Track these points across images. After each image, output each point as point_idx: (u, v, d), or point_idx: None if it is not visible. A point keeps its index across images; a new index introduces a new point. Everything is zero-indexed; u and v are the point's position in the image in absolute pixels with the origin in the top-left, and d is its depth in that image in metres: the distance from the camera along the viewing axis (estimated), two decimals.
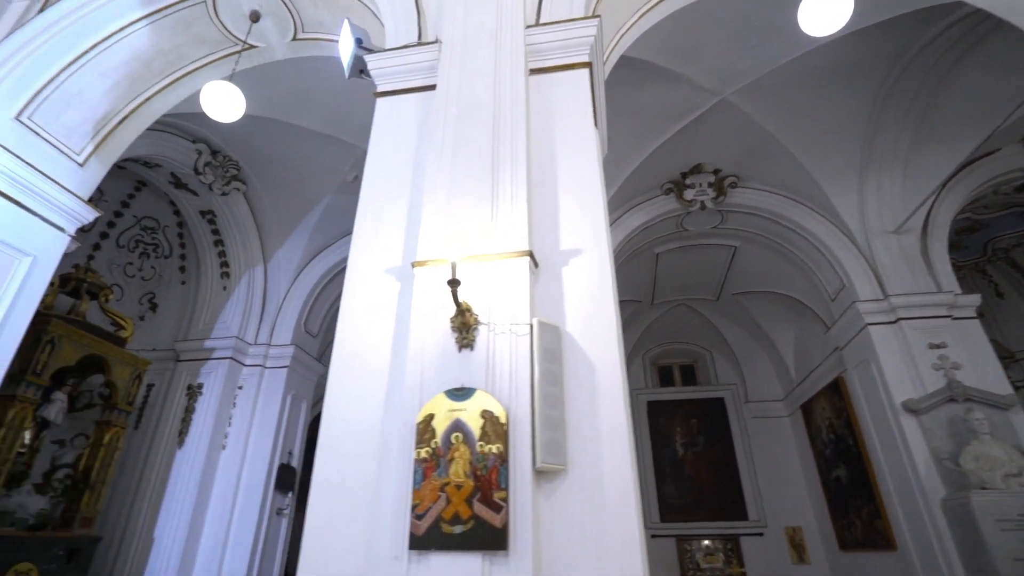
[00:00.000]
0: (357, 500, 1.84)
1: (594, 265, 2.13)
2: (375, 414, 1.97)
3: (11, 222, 3.83)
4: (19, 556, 4.71)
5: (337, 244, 7.82)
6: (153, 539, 5.91)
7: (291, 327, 7.41)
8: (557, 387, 1.87)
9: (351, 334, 2.16)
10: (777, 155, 6.20)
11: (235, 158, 6.80)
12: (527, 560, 1.58)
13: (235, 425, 6.74)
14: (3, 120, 3.82)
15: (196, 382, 6.73)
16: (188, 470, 6.22)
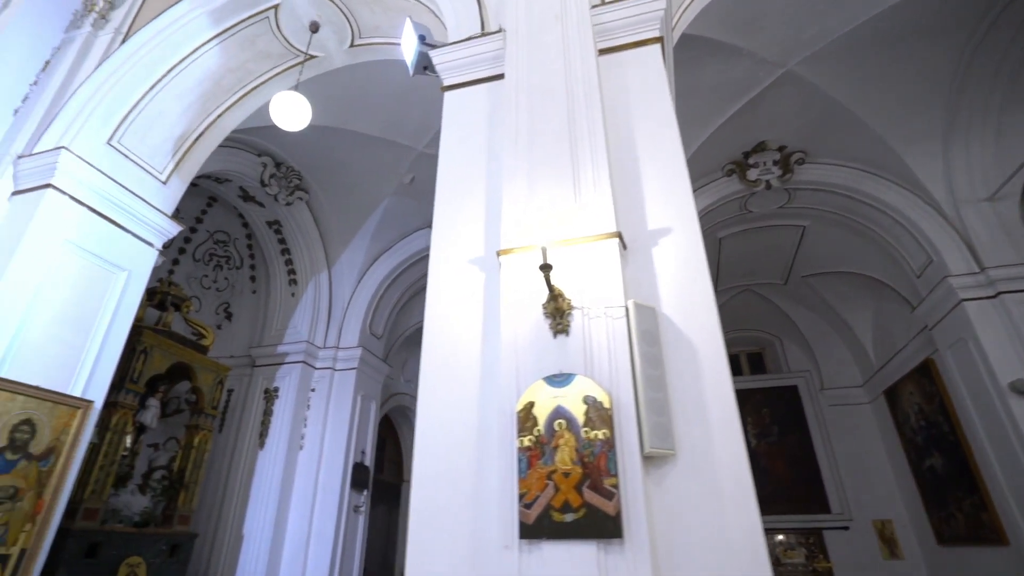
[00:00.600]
0: (459, 490, 1.84)
1: (685, 244, 2.05)
2: (470, 404, 1.96)
3: (108, 240, 4.09)
4: (129, 550, 5.04)
5: (396, 246, 7.98)
6: (243, 535, 6.20)
7: (357, 330, 7.61)
8: (658, 370, 1.80)
9: (439, 327, 2.17)
10: (849, 126, 5.85)
11: (297, 168, 7.04)
12: (643, 548, 1.53)
13: (310, 426, 6.98)
14: (97, 145, 4.09)
15: (272, 386, 7.02)
16: (270, 470, 6.49)
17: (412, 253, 8.01)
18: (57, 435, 3.53)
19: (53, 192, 3.78)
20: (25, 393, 3.39)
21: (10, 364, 3.35)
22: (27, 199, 3.80)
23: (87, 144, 4.04)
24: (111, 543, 4.95)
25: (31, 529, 3.32)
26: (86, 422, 3.71)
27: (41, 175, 3.81)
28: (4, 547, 3.18)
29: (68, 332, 3.73)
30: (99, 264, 4.00)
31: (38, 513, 3.36)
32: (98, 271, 3.98)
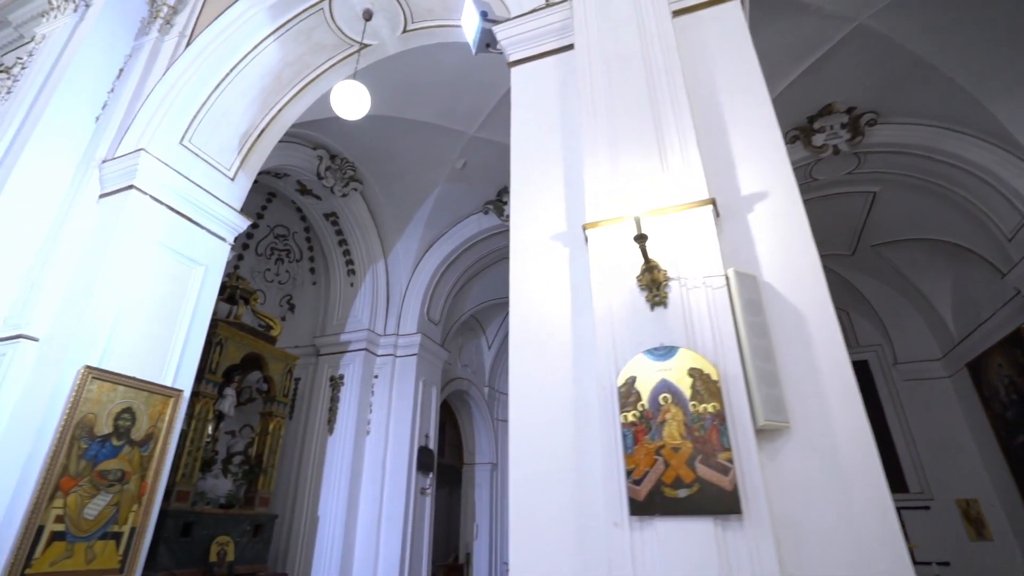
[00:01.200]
0: (559, 468, 1.82)
1: (783, 207, 1.94)
2: (564, 381, 1.93)
3: (186, 236, 4.26)
4: (218, 530, 5.33)
5: (449, 233, 8.03)
6: (318, 517, 6.46)
7: (415, 316, 7.73)
8: (765, 340, 1.72)
9: (526, 305, 2.14)
10: (928, 80, 5.45)
11: (351, 160, 7.16)
12: (764, 524, 1.47)
13: (375, 412, 7.17)
14: (171, 146, 4.25)
15: (338, 373, 7.23)
16: (340, 455, 6.71)
17: (465, 239, 8.04)
18: (154, 422, 3.73)
19: (136, 193, 3.96)
20: (124, 383, 3.60)
21: (109, 357, 3.55)
22: (113, 201, 4.00)
23: (162, 145, 4.21)
24: (202, 523, 5.24)
25: (138, 509, 3.54)
26: (178, 409, 3.91)
27: (124, 177, 4.00)
28: (117, 525, 3.41)
29: (157, 326, 3.92)
30: (180, 260, 4.18)
31: (143, 495, 3.58)
32: (179, 267, 4.17)
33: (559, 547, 1.69)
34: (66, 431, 3.23)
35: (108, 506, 3.38)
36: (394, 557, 6.39)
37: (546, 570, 1.65)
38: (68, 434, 3.24)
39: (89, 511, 3.28)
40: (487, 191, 7.67)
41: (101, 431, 3.42)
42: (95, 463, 3.36)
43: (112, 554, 3.37)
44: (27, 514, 3.00)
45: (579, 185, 2.24)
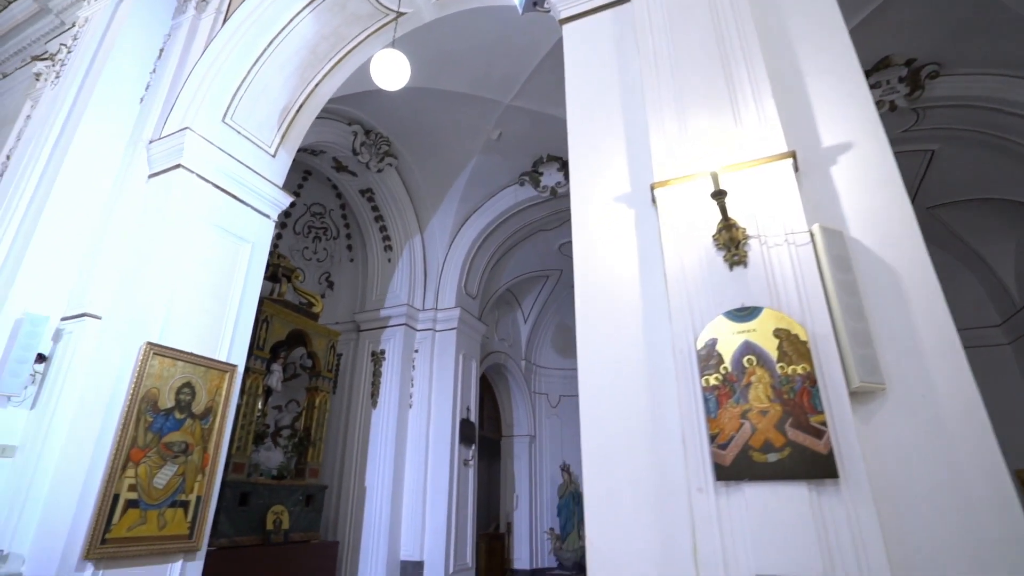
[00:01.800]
0: (632, 436, 1.77)
1: (871, 158, 1.81)
2: (635, 345, 1.87)
3: (232, 214, 4.31)
4: (273, 500, 5.51)
5: (485, 206, 7.96)
6: (365, 487, 6.63)
7: (453, 291, 7.74)
8: (855, 298, 1.62)
9: (591, 269, 2.08)
10: (998, 24, 5.06)
11: (386, 134, 7.11)
12: (863, 488, 1.40)
13: (417, 385, 7.26)
14: (214, 123, 4.27)
15: (379, 348, 7.32)
16: (384, 427, 6.84)
17: (500, 212, 7.97)
18: (212, 396, 3.83)
19: (183, 172, 4.00)
20: (183, 359, 3.69)
21: (167, 333, 3.64)
22: (162, 181, 4.05)
23: (205, 123, 4.22)
24: (258, 493, 5.42)
25: (202, 479, 3.66)
26: (234, 384, 4.00)
27: (171, 156, 4.04)
28: (184, 494, 3.54)
29: (210, 303, 4.00)
30: (228, 238, 4.23)
31: (206, 465, 3.70)
32: (228, 244, 4.22)
33: (637, 516, 1.65)
34: (133, 405, 3.34)
35: (175, 476, 3.50)
36: (440, 525, 6.53)
37: (626, 539, 1.61)
38: (135, 408, 3.34)
39: (158, 480, 3.41)
40: (522, 162, 7.55)
41: (164, 405, 3.53)
42: (161, 435, 3.47)
43: (181, 521, 3.51)
44: (103, 482, 3.13)
45: (643, 144, 2.14)
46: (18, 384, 3.28)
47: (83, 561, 3.00)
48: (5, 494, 3.18)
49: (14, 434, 3.31)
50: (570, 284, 10.44)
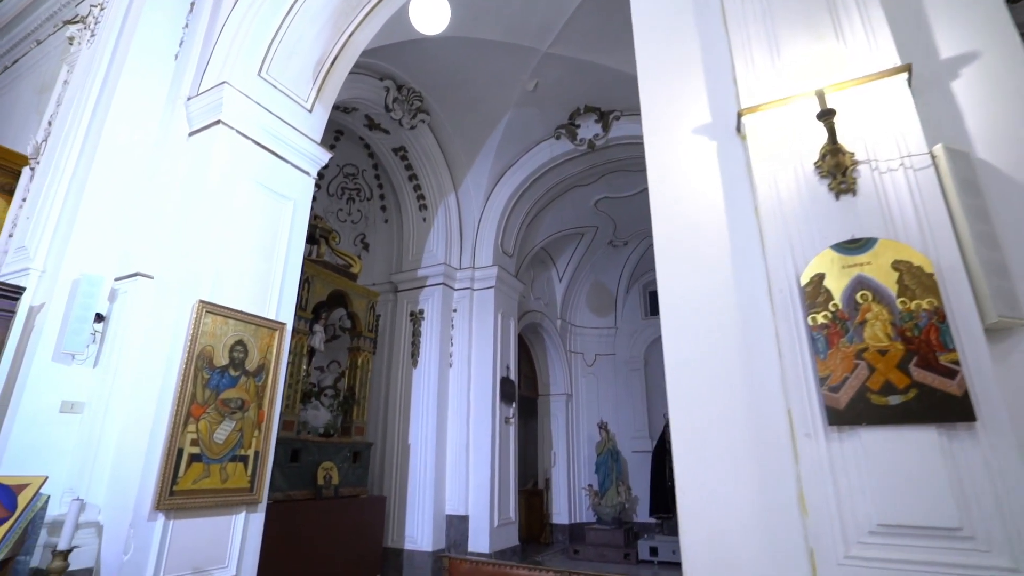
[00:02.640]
0: (724, 380, 1.66)
1: (1000, 68, 1.60)
2: (723, 284, 1.74)
3: (273, 171, 4.24)
4: (322, 456, 5.64)
5: (520, 162, 7.75)
6: (409, 445, 6.73)
7: (490, 249, 7.64)
8: (987, 225, 1.45)
9: (670, 207, 1.93)
10: None
11: (418, 89, 6.91)
12: (1005, 432, 1.26)
13: (456, 345, 7.26)
14: (251, 78, 4.16)
15: (417, 308, 7.32)
16: (425, 386, 6.89)
17: (536, 168, 7.77)
18: (263, 354, 3.85)
19: (223, 128, 3.92)
20: (235, 317, 3.69)
21: (217, 292, 3.64)
22: (202, 139, 3.99)
23: (242, 78, 4.11)
24: (307, 450, 5.54)
25: (259, 435, 3.72)
26: (284, 341, 4.01)
27: (210, 112, 3.96)
28: (243, 449, 3.60)
29: (258, 261, 3.98)
30: (271, 195, 4.18)
31: (261, 421, 3.75)
32: (271, 202, 4.17)
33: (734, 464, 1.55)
34: (190, 362, 3.36)
35: (233, 432, 3.56)
36: (484, 481, 6.63)
37: (719, 490, 1.51)
38: (192, 365, 3.37)
39: (218, 436, 3.46)
40: (559, 115, 7.29)
41: (219, 362, 3.55)
42: (218, 392, 3.51)
43: (242, 475, 3.58)
44: (167, 437, 3.19)
45: (723, 69, 1.95)
46: (80, 343, 3.33)
47: (154, 511, 3.08)
48: (78, 448, 3.27)
49: (81, 391, 3.38)
50: (605, 241, 10.24)
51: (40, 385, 3.24)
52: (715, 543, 1.53)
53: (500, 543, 6.59)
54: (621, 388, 10.60)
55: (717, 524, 1.56)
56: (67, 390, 3.35)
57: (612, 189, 8.73)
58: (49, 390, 3.27)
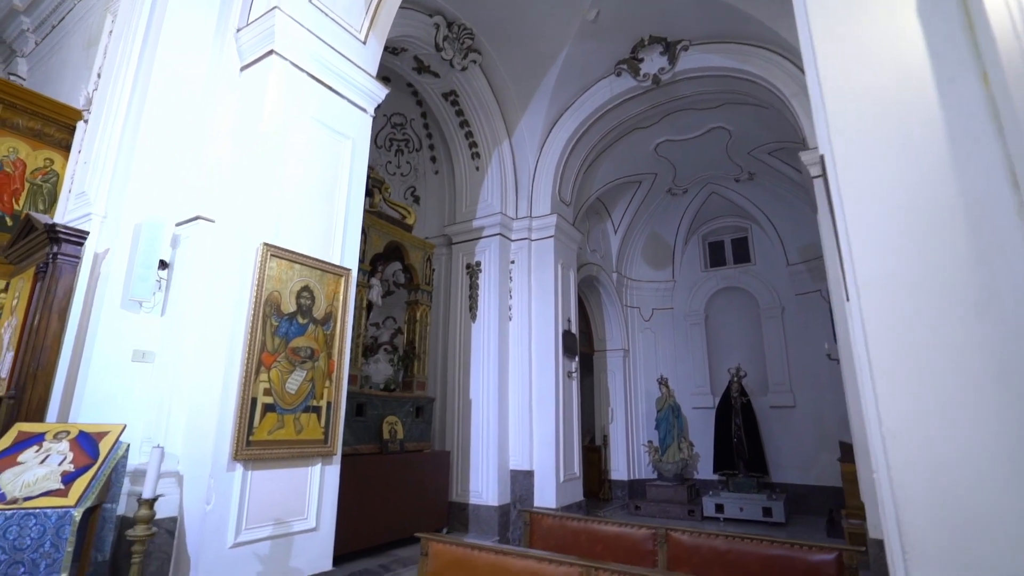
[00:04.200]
0: (943, 289, 1.27)
1: None
2: (935, 172, 1.33)
3: (329, 107, 3.95)
4: (386, 410, 5.53)
5: (577, 103, 7.25)
6: (470, 400, 6.58)
7: (548, 197, 7.25)
8: None
9: (849, 84, 1.51)
10: None
11: (469, 25, 6.44)
12: None
13: (515, 297, 6.99)
14: (302, 5, 3.83)
15: (474, 260, 7.05)
16: (485, 341, 6.67)
17: (594, 109, 7.24)
18: (330, 301, 3.65)
19: (276, 59, 3.63)
20: (300, 261, 3.48)
21: (280, 235, 3.42)
22: (255, 72, 3.72)
23: (293, 4, 3.79)
24: (371, 404, 5.43)
25: (330, 386, 3.56)
26: (350, 288, 3.80)
27: (262, 42, 3.67)
28: (315, 400, 3.44)
29: (319, 203, 3.74)
30: (329, 133, 3.90)
31: (332, 372, 3.58)
32: (330, 140, 3.90)
33: (964, 389, 1.18)
34: (258, 308, 3.18)
35: (305, 381, 3.40)
36: (549, 436, 6.44)
37: (951, 419, 1.15)
38: (260, 311, 3.19)
39: (290, 385, 3.31)
40: (620, 47, 6.70)
41: (287, 309, 3.37)
42: (287, 340, 3.33)
43: (316, 426, 3.43)
44: (240, 386, 3.04)
45: None
46: (147, 289, 3.18)
47: (233, 462, 2.96)
48: (152, 397, 3.17)
49: (150, 340, 3.26)
50: (664, 189, 9.65)
51: (111, 333, 3.13)
52: (946, 492, 1.19)
53: (566, 498, 6.45)
54: (680, 343, 10.19)
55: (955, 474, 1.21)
56: (137, 339, 3.24)
57: (675, 131, 8.12)
58: (120, 339, 3.16)
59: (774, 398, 9.05)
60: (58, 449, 2.46)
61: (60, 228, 3.10)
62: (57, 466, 2.39)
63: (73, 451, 2.48)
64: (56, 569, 2.15)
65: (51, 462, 2.41)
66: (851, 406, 4.57)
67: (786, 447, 8.80)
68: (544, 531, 3.79)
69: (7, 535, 2.15)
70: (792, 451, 8.75)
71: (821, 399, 8.57)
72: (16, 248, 3.49)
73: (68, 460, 2.43)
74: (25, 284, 3.33)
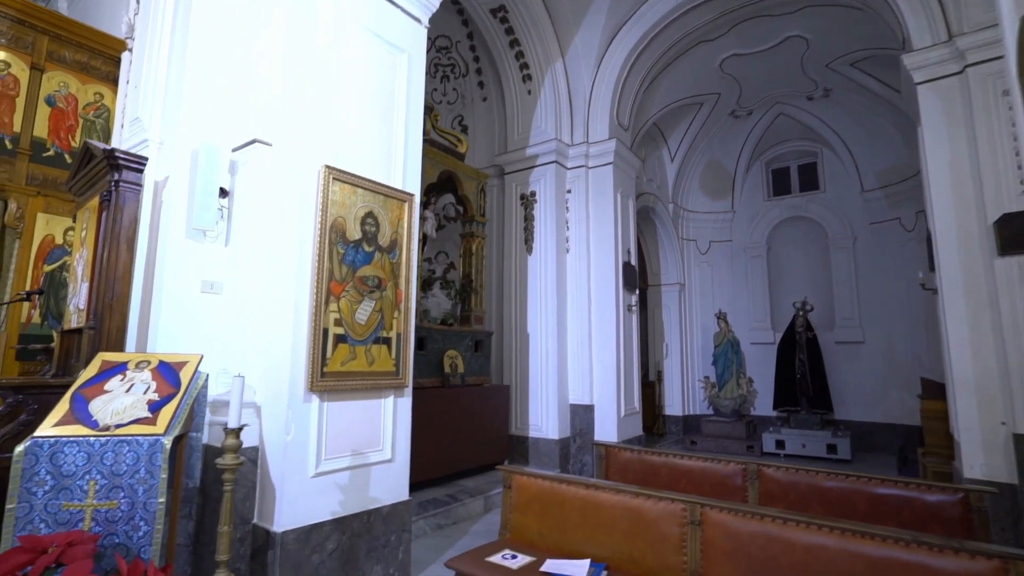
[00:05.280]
0: None
1: None
2: None
3: (383, 17, 3.61)
4: (446, 345, 5.46)
5: (636, 15, 6.60)
6: (528, 334, 6.45)
7: (606, 121, 6.76)
8: None
9: None
10: None
11: None
12: None
13: (573, 228, 6.69)
14: None
15: (528, 191, 6.73)
16: (542, 274, 6.45)
17: (655, 21, 6.60)
18: (395, 228, 3.46)
19: None
20: (362, 186, 3.28)
21: (340, 158, 3.20)
22: None
23: None
24: (432, 338, 5.36)
25: (399, 316, 3.43)
26: (413, 214, 3.59)
27: None
28: (385, 331, 3.33)
29: (378, 123, 3.48)
30: (384, 46, 3.58)
31: (400, 302, 3.44)
32: (385, 54, 3.58)
33: None
34: (323, 235, 3.02)
35: (374, 312, 3.27)
36: (610, 371, 6.30)
37: None
38: (326, 238, 3.03)
39: (360, 316, 3.18)
40: None
41: (352, 236, 3.19)
42: (354, 268, 3.18)
43: (387, 358, 3.33)
44: (311, 316, 2.93)
45: None
46: (210, 218, 3.05)
47: (308, 393, 2.90)
48: (223, 329, 3.10)
49: (217, 271, 3.17)
50: (726, 112, 8.93)
51: (178, 264, 3.04)
52: None
53: (626, 433, 6.37)
54: (739, 277, 9.75)
55: None
56: (204, 270, 3.14)
57: (744, 43, 7.36)
58: (188, 269, 3.07)
59: (841, 333, 8.62)
60: (141, 378, 2.42)
61: (119, 153, 2.96)
62: (142, 395, 2.35)
63: (156, 380, 2.43)
64: (154, 495, 2.13)
65: (136, 391, 2.36)
66: (951, 340, 4.19)
67: (852, 384, 8.45)
68: (621, 465, 3.68)
69: (104, 460, 2.13)
70: (858, 388, 8.40)
71: (893, 334, 8.10)
72: (78, 179, 3.41)
73: (152, 389, 2.38)
74: (91, 216, 3.25)
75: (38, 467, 2.07)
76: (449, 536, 4.31)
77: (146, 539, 2.12)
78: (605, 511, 2.47)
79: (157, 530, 2.13)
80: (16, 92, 5.51)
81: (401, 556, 3.29)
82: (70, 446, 2.11)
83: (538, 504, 2.73)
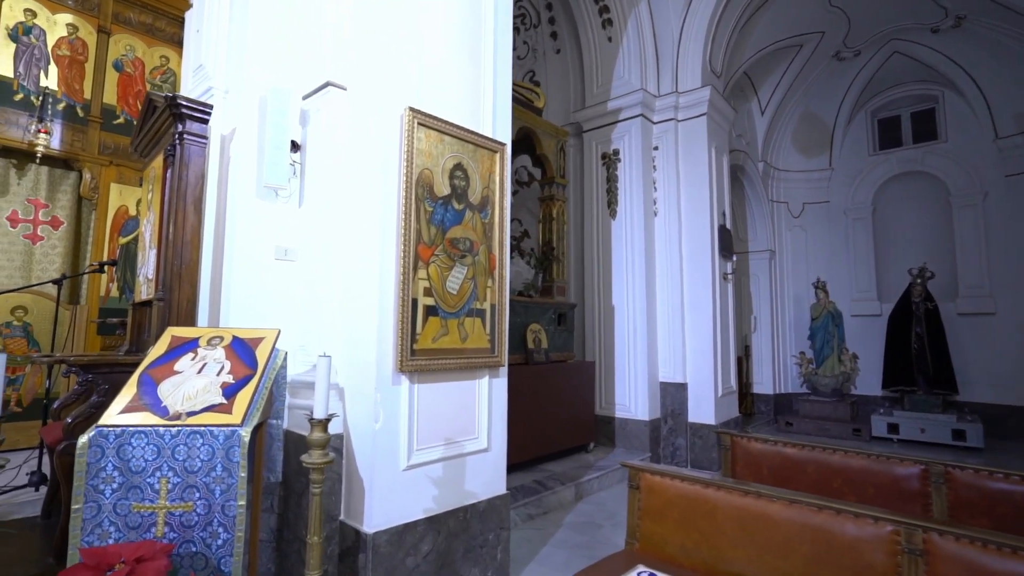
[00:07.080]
0: None
1: None
2: None
3: None
4: (528, 318, 5.01)
5: None
6: (613, 306, 5.91)
7: (697, 68, 5.98)
8: None
9: None
10: None
11: None
12: None
13: (661, 189, 6.02)
14: None
15: (610, 149, 6.09)
16: (628, 240, 5.85)
17: None
18: (485, 183, 2.98)
19: None
20: (450, 132, 2.80)
21: (423, 99, 2.73)
22: None
23: None
24: (514, 311, 4.88)
25: (492, 285, 2.97)
26: (505, 167, 3.10)
27: None
28: (478, 302, 2.89)
29: (464, 61, 2.98)
30: None
31: (493, 269, 2.98)
32: None
33: None
34: (409, 189, 2.57)
35: (466, 280, 2.82)
36: (705, 346, 5.68)
37: None
38: (412, 193, 2.58)
39: (451, 284, 2.75)
40: None
41: (441, 192, 2.74)
42: (444, 229, 2.74)
43: (481, 333, 2.90)
44: (398, 285, 2.51)
45: None
46: (282, 174, 2.67)
47: (397, 374, 2.50)
48: (298, 301, 2.75)
49: (291, 235, 2.80)
50: (829, 54, 7.85)
51: (249, 228, 2.69)
52: None
53: (723, 414, 5.76)
54: (837, 242, 8.75)
55: None
56: (277, 234, 2.79)
57: None
58: (260, 234, 2.72)
59: (965, 303, 7.55)
60: (214, 357, 2.07)
61: (182, 101, 2.62)
62: (216, 376, 2.00)
63: (230, 359, 2.08)
64: (232, 496, 1.79)
65: (208, 371, 2.02)
66: None
67: (979, 361, 7.41)
68: (750, 458, 3.12)
69: (176, 455, 1.80)
70: (987, 366, 7.36)
71: None
72: (142, 136, 3.12)
73: (226, 370, 2.03)
74: (157, 176, 2.96)
75: (104, 461, 1.76)
76: (542, 528, 3.91)
77: (226, 548, 1.79)
78: (776, 527, 1.94)
79: (238, 538, 1.79)
80: (85, 57, 5.39)
81: (500, 557, 2.91)
82: (138, 437, 1.79)
83: (676, 511, 2.23)
